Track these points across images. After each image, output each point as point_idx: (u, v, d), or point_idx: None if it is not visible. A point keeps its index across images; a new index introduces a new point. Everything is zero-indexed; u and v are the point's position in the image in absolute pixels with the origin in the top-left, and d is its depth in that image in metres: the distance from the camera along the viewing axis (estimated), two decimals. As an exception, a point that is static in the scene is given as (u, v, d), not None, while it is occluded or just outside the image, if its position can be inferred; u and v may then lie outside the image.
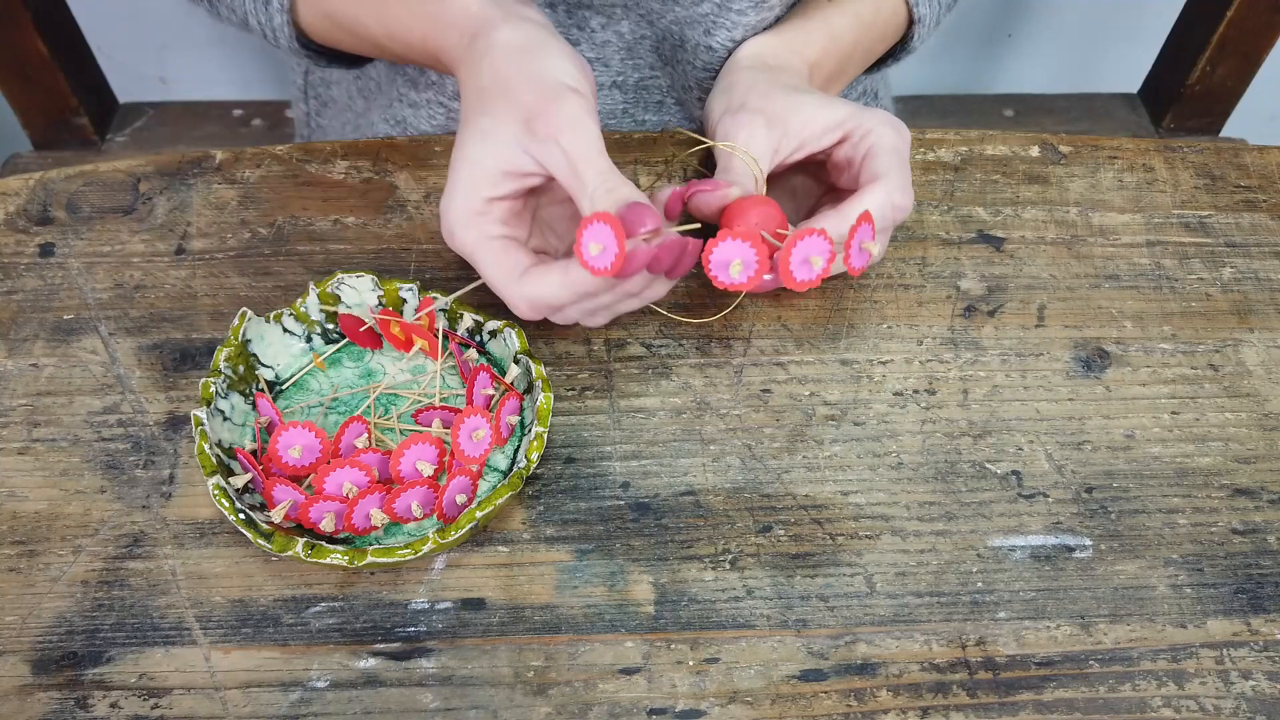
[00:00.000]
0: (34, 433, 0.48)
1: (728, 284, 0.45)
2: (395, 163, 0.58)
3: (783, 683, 0.42)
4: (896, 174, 0.48)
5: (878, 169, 0.48)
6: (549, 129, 0.43)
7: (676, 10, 0.57)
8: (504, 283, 0.45)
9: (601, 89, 0.63)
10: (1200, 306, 0.54)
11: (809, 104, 0.50)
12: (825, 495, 0.47)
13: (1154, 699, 0.42)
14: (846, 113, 0.49)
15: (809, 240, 0.45)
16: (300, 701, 0.41)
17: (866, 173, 0.49)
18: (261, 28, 0.56)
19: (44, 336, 0.51)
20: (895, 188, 0.48)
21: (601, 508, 0.47)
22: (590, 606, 0.44)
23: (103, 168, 0.57)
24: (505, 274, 0.45)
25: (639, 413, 0.50)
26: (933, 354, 0.52)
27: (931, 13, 0.58)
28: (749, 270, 0.45)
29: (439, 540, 0.42)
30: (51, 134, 0.90)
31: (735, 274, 0.45)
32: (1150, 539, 0.47)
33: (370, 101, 0.68)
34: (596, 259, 0.42)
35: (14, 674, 0.42)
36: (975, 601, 0.45)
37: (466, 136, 0.46)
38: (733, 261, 0.44)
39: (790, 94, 0.50)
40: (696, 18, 0.56)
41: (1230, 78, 0.91)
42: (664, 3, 0.57)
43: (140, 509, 0.46)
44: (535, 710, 0.42)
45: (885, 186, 0.48)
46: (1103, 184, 0.59)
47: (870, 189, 0.48)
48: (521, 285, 0.45)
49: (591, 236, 0.42)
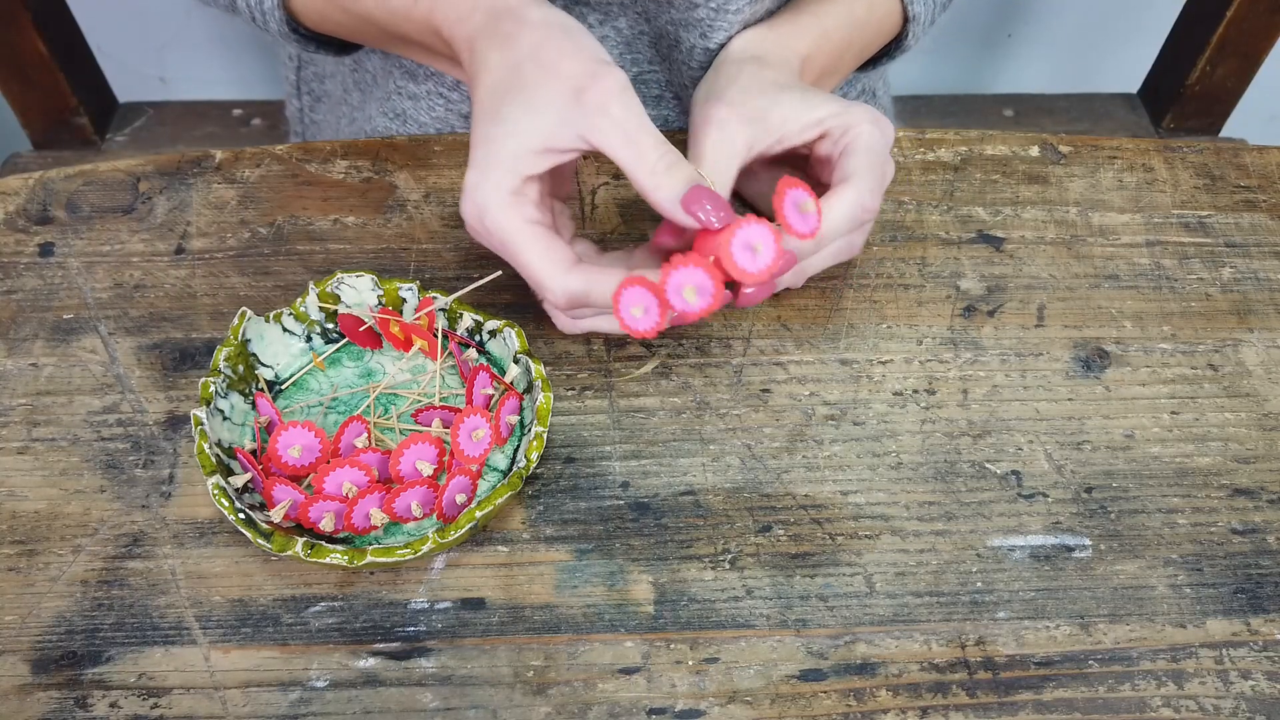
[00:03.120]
0: (34, 432, 0.48)
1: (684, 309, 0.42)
2: (395, 162, 0.58)
3: (782, 682, 0.42)
4: (866, 175, 0.47)
5: (848, 169, 0.47)
6: (601, 99, 0.42)
7: (671, 13, 0.57)
8: (549, 273, 0.43)
9: None
10: (1200, 306, 0.54)
11: (790, 100, 0.49)
12: (825, 495, 0.47)
13: (1153, 699, 0.42)
14: (829, 110, 0.48)
15: (747, 228, 0.42)
16: (300, 701, 0.42)
17: (839, 172, 0.48)
18: (250, 10, 0.55)
19: (44, 336, 0.51)
20: (865, 189, 0.47)
21: (601, 507, 0.47)
22: (590, 606, 0.44)
23: (102, 167, 0.57)
24: (553, 266, 0.43)
25: (639, 412, 0.50)
26: (932, 354, 0.52)
27: (926, 10, 0.58)
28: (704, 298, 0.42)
29: (439, 540, 0.42)
30: (51, 134, 0.90)
31: (690, 299, 0.42)
32: (1150, 539, 0.47)
33: (366, 95, 0.68)
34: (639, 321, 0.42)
35: (14, 674, 0.42)
36: (975, 601, 0.45)
37: (503, 113, 0.44)
38: (686, 286, 0.42)
39: (772, 89, 0.49)
40: (692, 21, 0.56)
41: (1230, 78, 0.91)
42: (658, 4, 0.57)
43: (140, 509, 0.46)
44: (535, 710, 0.42)
45: (855, 188, 0.47)
46: (1102, 184, 0.59)
47: (839, 190, 0.47)
48: (569, 279, 0.43)
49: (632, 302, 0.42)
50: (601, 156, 0.58)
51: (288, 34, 0.56)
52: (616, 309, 0.42)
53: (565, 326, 0.47)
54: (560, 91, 0.43)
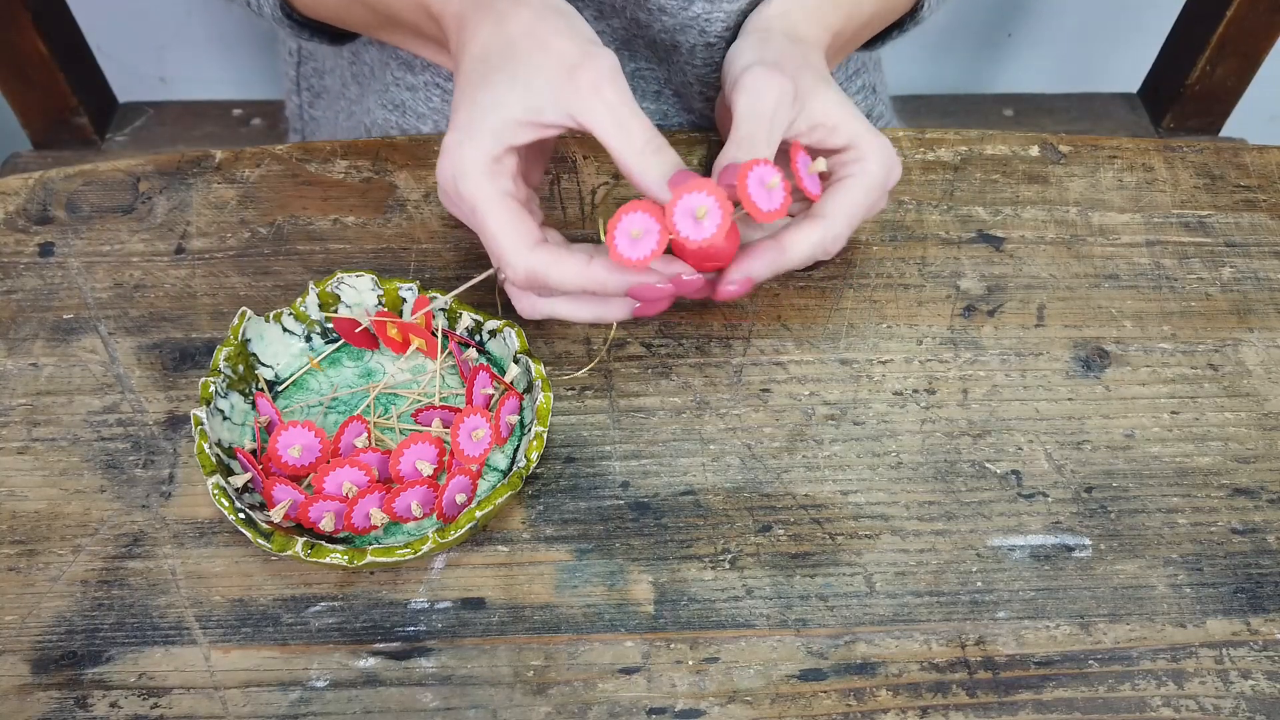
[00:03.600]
0: (34, 432, 0.48)
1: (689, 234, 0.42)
2: (395, 162, 0.58)
3: (782, 682, 0.42)
4: (840, 218, 0.46)
5: (829, 207, 0.46)
6: (594, 79, 0.42)
7: (664, 19, 0.57)
8: (513, 248, 0.43)
9: None
10: (1200, 306, 0.54)
11: (833, 100, 0.48)
12: (825, 495, 0.47)
13: (1153, 699, 0.42)
14: (859, 128, 0.48)
15: (760, 168, 0.43)
16: (300, 701, 0.42)
17: (822, 204, 0.47)
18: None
19: (44, 336, 0.51)
20: (833, 235, 0.46)
21: (601, 507, 0.47)
22: (590, 606, 0.44)
23: (102, 167, 0.57)
24: (518, 240, 0.43)
25: (639, 412, 0.50)
26: (932, 354, 0.52)
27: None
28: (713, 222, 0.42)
29: (439, 540, 0.42)
30: (51, 134, 0.90)
31: (704, 220, 0.42)
32: (1150, 539, 0.47)
33: (365, 87, 0.68)
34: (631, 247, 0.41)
35: (14, 674, 0.42)
36: (975, 601, 0.45)
37: (493, 80, 0.44)
38: (699, 207, 0.42)
39: (819, 81, 0.49)
40: (688, 21, 0.56)
41: (1230, 78, 0.91)
42: (650, 13, 0.56)
43: (140, 508, 0.46)
44: (535, 710, 0.42)
45: (824, 227, 0.46)
46: (1102, 184, 0.59)
47: (809, 223, 0.46)
48: (532, 256, 0.43)
49: (632, 224, 0.41)
50: (603, 156, 0.58)
51: (281, 19, 0.56)
52: (610, 236, 0.42)
53: (524, 309, 0.46)
54: (553, 67, 0.43)
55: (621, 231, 0.42)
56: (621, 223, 0.42)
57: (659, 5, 0.55)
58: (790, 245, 0.46)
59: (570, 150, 0.58)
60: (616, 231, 0.42)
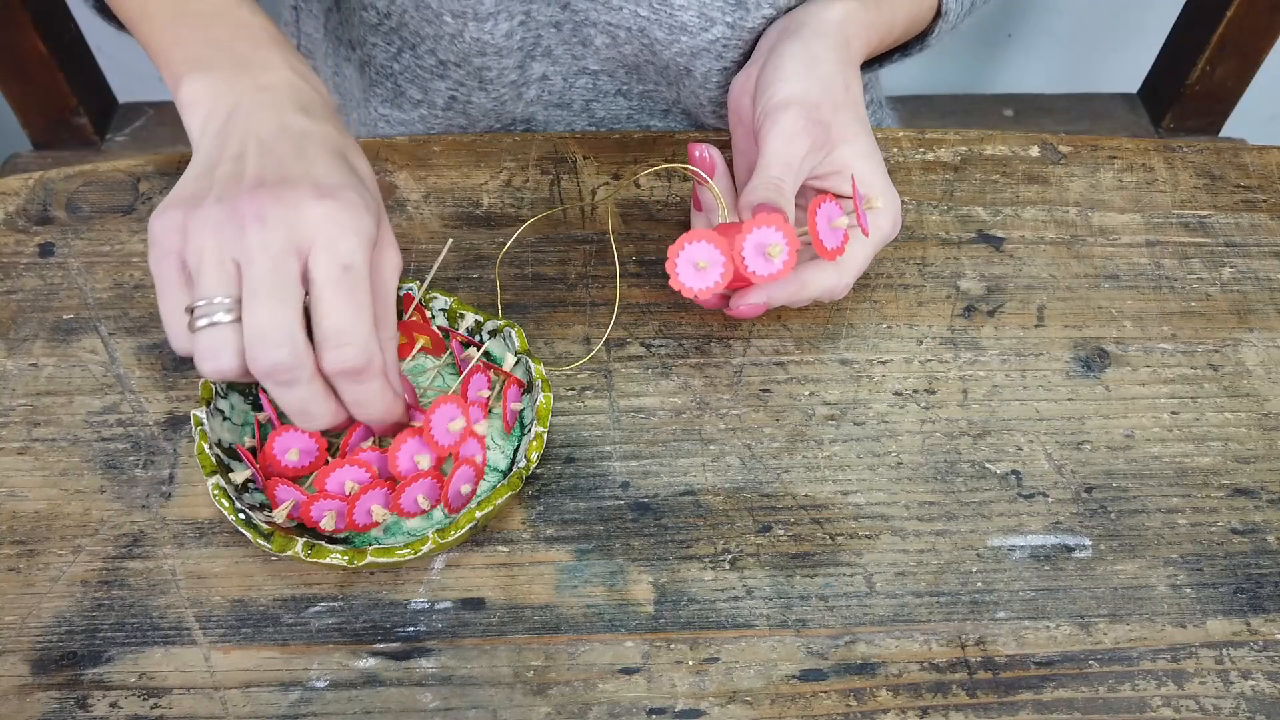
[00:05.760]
0: (34, 432, 0.48)
1: (757, 269, 0.43)
2: (395, 162, 0.58)
3: (782, 682, 0.42)
4: (855, 270, 0.48)
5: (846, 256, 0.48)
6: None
7: (683, 40, 0.56)
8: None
9: (606, 96, 0.63)
10: (1200, 306, 0.54)
11: (862, 151, 0.48)
12: (825, 495, 0.47)
13: (1153, 699, 0.42)
14: (880, 185, 0.48)
15: (826, 206, 0.45)
16: (300, 701, 0.42)
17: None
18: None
19: (44, 336, 0.51)
20: (844, 283, 0.48)
21: (601, 507, 0.47)
22: (590, 606, 0.44)
23: (102, 167, 0.57)
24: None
25: (639, 412, 0.50)
26: (932, 354, 0.52)
27: (959, 6, 0.57)
28: (783, 259, 0.43)
29: (438, 540, 0.42)
30: (51, 134, 0.90)
31: (775, 256, 0.43)
32: (1150, 539, 0.47)
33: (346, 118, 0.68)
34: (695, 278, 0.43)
35: (14, 674, 0.42)
36: (975, 601, 0.45)
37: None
38: (771, 244, 0.43)
39: (855, 124, 0.48)
40: (705, 45, 0.55)
41: (1230, 78, 0.91)
42: (670, 31, 0.56)
43: (140, 509, 0.46)
44: (535, 710, 0.42)
45: (839, 274, 0.48)
46: (1102, 184, 0.59)
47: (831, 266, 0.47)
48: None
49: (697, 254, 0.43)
50: (604, 156, 0.58)
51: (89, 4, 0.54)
52: (671, 263, 0.42)
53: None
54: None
55: (685, 260, 0.42)
56: (684, 251, 0.42)
57: (680, 23, 0.55)
58: (809, 282, 0.47)
59: (570, 150, 0.58)
60: (679, 259, 0.42)
